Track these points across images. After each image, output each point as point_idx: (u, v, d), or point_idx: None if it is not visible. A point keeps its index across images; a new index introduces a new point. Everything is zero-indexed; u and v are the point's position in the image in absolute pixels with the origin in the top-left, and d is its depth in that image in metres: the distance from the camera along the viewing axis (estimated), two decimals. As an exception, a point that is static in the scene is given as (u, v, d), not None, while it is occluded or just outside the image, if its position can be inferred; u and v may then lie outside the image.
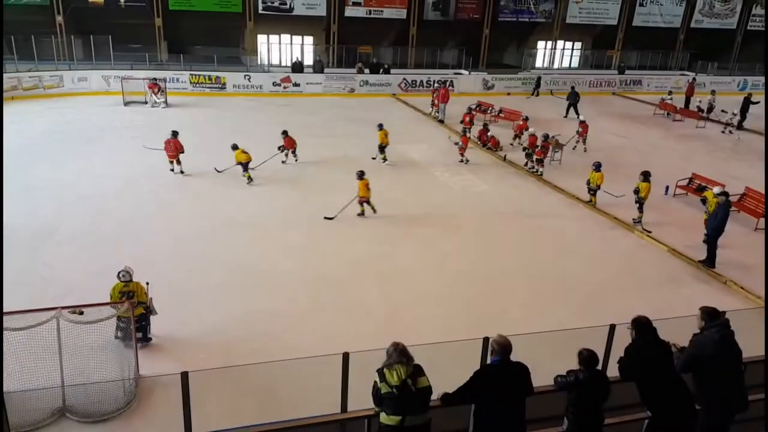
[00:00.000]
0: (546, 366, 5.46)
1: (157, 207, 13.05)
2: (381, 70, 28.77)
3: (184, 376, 5.35)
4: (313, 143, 17.69)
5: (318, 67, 28.16)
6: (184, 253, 10.91)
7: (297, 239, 11.82)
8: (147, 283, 7.98)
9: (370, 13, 30.74)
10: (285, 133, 16.33)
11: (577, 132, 19.09)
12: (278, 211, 13.25)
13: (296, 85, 26.86)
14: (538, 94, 29.36)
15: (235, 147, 14.80)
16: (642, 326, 5.21)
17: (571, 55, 36.52)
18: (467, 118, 20.25)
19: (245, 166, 14.68)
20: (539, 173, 16.37)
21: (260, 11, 29.33)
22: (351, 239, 11.93)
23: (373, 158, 16.87)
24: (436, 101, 23.62)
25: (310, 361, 6.45)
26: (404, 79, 28.45)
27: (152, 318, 8.06)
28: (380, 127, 16.98)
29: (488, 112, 23.34)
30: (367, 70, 28.63)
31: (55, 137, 17.92)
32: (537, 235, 12.56)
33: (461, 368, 5.14)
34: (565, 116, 23.86)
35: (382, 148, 16.89)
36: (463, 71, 30.47)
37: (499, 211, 13.88)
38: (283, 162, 16.19)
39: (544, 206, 14.37)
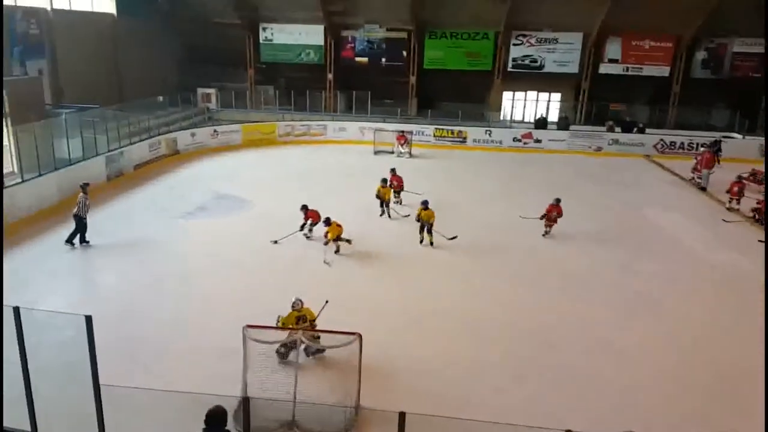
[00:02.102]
0: None
1: (390, 248, 13.72)
2: (635, 129, 26.84)
3: (402, 416, 5.30)
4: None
5: (563, 124, 27.45)
6: (411, 295, 11.22)
7: (514, 291, 11.48)
8: (326, 302, 8.47)
9: (627, 70, 29.15)
10: (305, 207, 14.05)
11: None
12: (493, 262, 13.04)
13: (537, 141, 26.45)
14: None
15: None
16: None
17: None
18: (735, 188, 17.70)
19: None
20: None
21: (509, 69, 29.92)
22: (580, 305, 10.98)
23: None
24: (698, 166, 21.10)
25: (527, 430, 5.93)
26: (661, 139, 26.06)
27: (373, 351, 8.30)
28: (384, 182, 16.29)
29: (764, 182, 20.02)
30: (618, 129, 26.97)
31: (316, 178, 20.22)
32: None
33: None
34: None
35: (382, 203, 16.08)
36: (734, 135, 26.82)
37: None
38: (307, 237, 13.84)
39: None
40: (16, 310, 5.63)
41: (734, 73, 28.95)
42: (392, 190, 16.57)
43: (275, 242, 13.47)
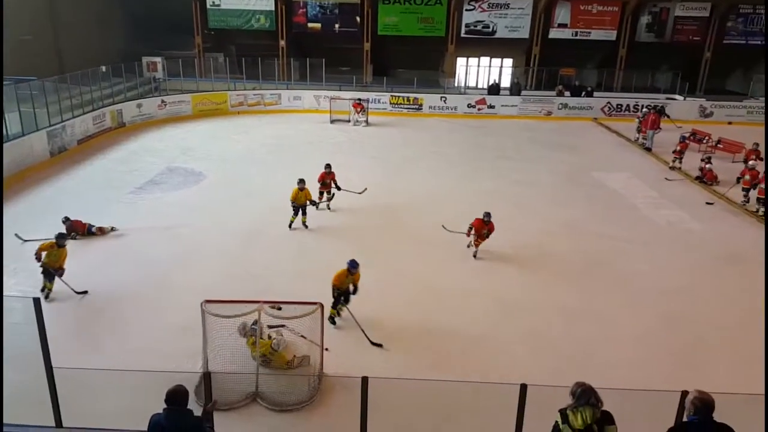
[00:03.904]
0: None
1: (351, 218, 13.75)
2: (583, 93, 27.42)
3: (365, 380, 5.43)
4: (506, 166, 17.35)
5: (515, 90, 27.77)
6: (374, 264, 11.17)
7: (469, 256, 11.67)
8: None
9: (576, 35, 29.64)
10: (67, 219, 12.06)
11: None
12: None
13: (491, 107, 26.73)
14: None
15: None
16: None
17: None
18: (679, 148, 18.53)
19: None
20: (760, 213, 14.11)
21: (462, 35, 29.89)
22: (536, 268, 11.34)
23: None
24: (643, 127, 21.86)
25: (486, 387, 6.20)
26: (608, 102, 26.80)
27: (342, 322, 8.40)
28: (301, 184, 12.60)
29: (704, 141, 20.97)
30: (567, 93, 27.50)
31: (270, 149, 19.93)
32: (761, 287, 10.69)
33: (654, 422, 4.67)
34: None
35: (297, 209, 12.71)
36: (677, 96, 27.82)
37: (713, 256, 12.08)
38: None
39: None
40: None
41: (676, 37, 29.85)
42: (324, 192, 13.95)
43: (23, 241, 11.42)
